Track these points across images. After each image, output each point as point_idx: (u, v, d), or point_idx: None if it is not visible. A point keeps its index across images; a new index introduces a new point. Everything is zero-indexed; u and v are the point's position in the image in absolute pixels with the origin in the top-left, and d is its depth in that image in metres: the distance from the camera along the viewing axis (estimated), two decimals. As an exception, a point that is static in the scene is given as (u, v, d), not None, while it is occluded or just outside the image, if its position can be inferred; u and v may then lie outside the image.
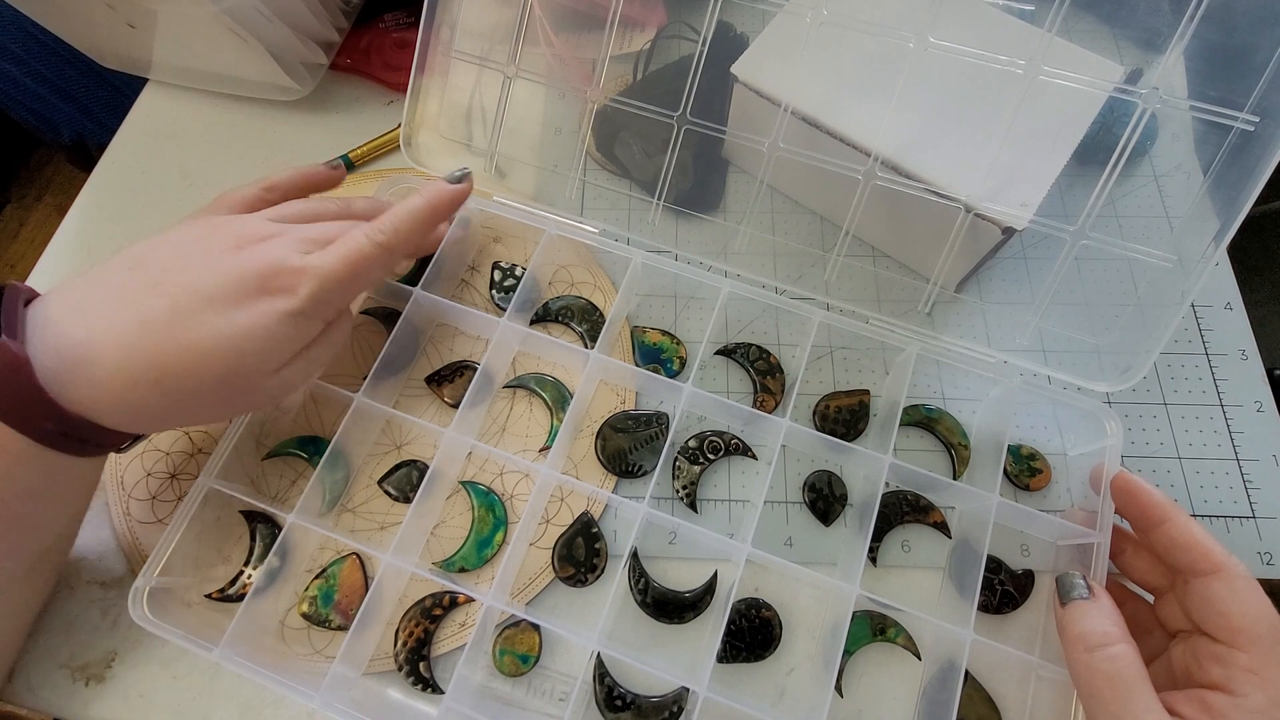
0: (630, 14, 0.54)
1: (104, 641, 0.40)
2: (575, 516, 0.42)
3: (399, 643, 0.39)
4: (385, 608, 0.40)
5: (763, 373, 0.45)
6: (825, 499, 0.42)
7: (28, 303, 0.32)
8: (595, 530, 0.41)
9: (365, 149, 0.54)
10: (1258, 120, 0.34)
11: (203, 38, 0.51)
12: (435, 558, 0.41)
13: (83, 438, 0.32)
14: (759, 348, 0.46)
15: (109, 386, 0.31)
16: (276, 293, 0.33)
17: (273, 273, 0.33)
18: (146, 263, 0.34)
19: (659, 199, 0.45)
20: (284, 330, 0.34)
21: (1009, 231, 0.39)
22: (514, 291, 0.46)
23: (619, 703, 0.38)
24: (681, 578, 0.41)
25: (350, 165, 0.54)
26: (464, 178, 0.41)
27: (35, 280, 0.51)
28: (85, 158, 1.05)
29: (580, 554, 0.41)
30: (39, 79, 0.90)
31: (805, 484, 0.43)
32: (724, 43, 0.48)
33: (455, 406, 0.43)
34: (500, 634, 0.39)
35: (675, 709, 0.37)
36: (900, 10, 0.40)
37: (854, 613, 0.37)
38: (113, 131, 0.57)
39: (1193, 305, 0.48)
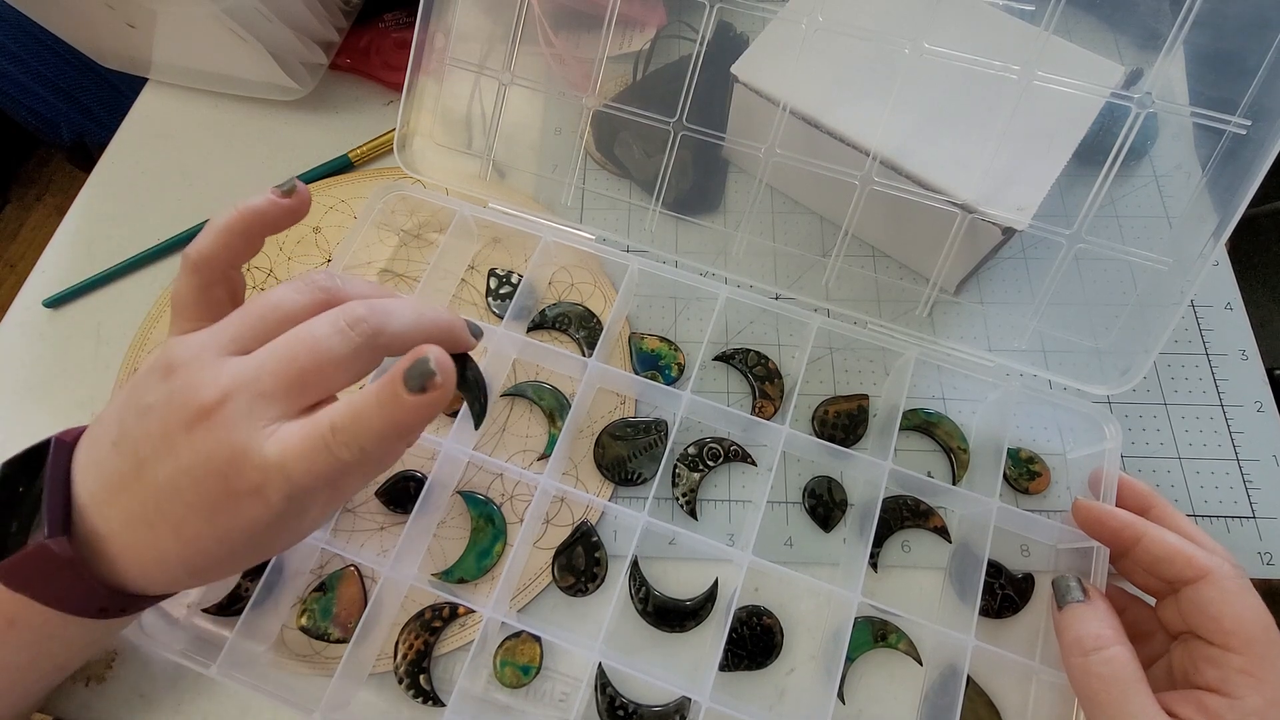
0: (630, 13, 0.53)
1: (104, 641, 0.40)
2: (574, 519, 0.42)
3: (398, 655, 0.39)
4: (384, 620, 0.40)
5: (761, 378, 0.45)
6: (825, 505, 0.42)
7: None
8: (595, 539, 0.41)
9: (365, 149, 0.54)
10: (1250, 124, 0.34)
11: (202, 38, 0.51)
12: (434, 569, 0.41)
13: (123, 607, 0.31)
14: (758, 353, 0.45)
15: (142, 580, 0.30)
16: (244, 497, 0.27)
17: (232, 470, 0.27)
18: (123, 441, 0.29)
19: (657, 203, 0.45)
20: (275, 529, 0.29)
21: (1009, 232, 0.39)
22: (510, 299, 0.46)
23: (621, 712, 0.38)
24: (682, 581, 0.41)
25: (350, 165, 0.54)
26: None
27: (35, 280, 0.51)
28: (85, 158, 1.05)
29: (580, 563, 0.41)
30: (39, 79, 0.90)
31: (805, 490, 0.43)
32: (724, 43, 0.48)
33: (453, 416, 0.43)
34: (501, 645, 0.39)
35: (678, 718, 0.38)
36: (897, 13, 0.40)
37: (855, 619, 0.37)
38: (113, 131, 0.56)
39: (1193, 305, 0.48)
